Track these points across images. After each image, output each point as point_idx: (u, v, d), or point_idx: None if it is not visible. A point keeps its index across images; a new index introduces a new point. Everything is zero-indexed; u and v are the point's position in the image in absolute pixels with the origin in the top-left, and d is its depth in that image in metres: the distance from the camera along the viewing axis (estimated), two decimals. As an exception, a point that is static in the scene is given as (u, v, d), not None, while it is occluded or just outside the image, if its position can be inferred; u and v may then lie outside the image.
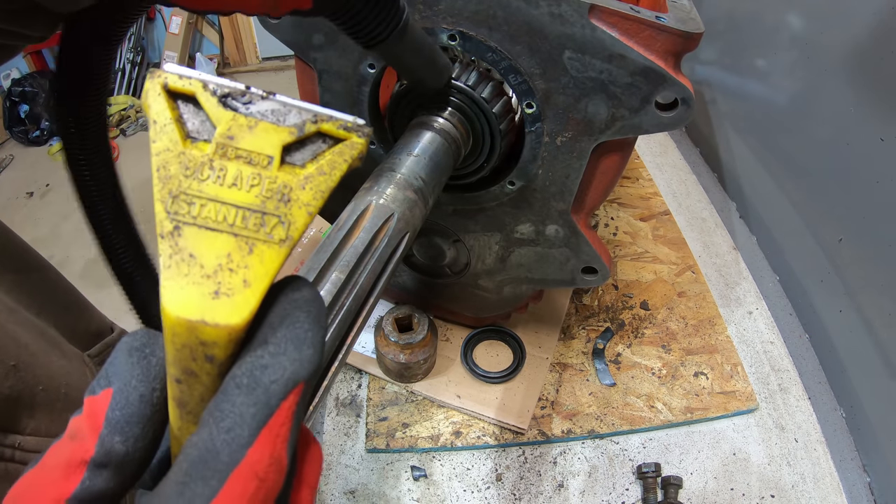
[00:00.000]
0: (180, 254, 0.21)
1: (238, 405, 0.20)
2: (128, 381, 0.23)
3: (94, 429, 0.22)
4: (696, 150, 1.39)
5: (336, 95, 0.65)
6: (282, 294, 0.23)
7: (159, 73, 0.22)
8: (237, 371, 0.21)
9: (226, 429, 0.20)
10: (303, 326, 0.22)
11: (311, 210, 0.22)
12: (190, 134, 0.22)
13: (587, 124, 0.57)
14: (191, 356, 0.21)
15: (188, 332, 0.20)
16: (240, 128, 0.22)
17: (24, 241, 0.73)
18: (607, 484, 0.79)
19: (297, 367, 0.21)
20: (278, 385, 0.20)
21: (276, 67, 3.96)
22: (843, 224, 0.88)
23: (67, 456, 0.22)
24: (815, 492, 0.78)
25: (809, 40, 0.93)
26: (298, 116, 0.22)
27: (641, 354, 0.93)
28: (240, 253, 0.21)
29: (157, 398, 0.23)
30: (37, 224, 2.70)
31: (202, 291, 0.20)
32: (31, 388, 0.56)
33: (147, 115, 0.22)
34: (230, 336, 0.21)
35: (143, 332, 0.24)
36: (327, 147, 0.22)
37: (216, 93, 0.22)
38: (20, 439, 0.54)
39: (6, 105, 3.27)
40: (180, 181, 0.21)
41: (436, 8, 0.55)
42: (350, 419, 0.86)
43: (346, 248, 0.44)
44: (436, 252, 0.79)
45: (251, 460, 0.20)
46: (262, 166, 0.22)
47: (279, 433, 0.20)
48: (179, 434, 0.23)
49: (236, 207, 0.21)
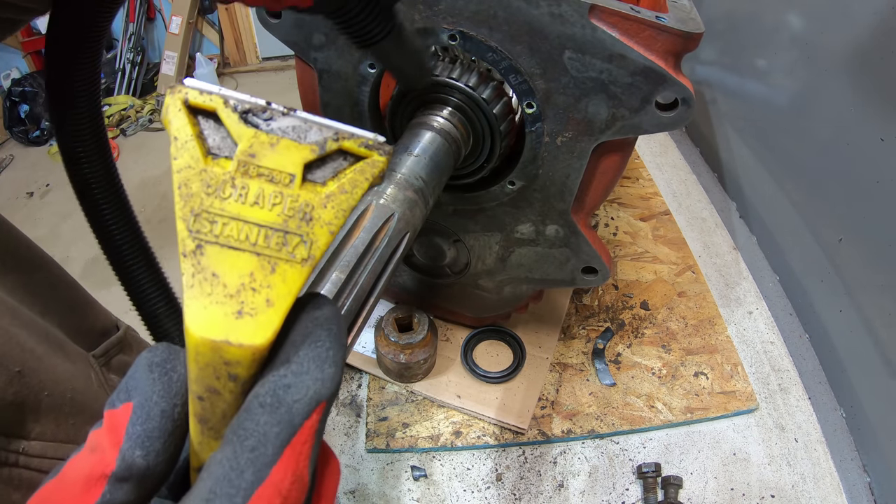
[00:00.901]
0: (203, 273, 0.21)
1: (262, 424, 0.20)
2: (149, 396, 0.23)
3: (115, 443, 0.22)
4: (696, 150, 1.39)
5: (336, 95, 0.65)
6: (303, 312, 0.23)
7: (180, 89, 0.21)
8: (261, 390, 0.21)
9: (250, 447, 0.20)
10: (325, 345, 0.22)
11: (332, 229, 0.22)
12: (211, 150, 0.22)
13: (587, 124, 0.57)
14: (214, 375, 0.21)
15: (212, 351, 0.21)
16: (261, 145, 0.21)
17: (27, 237, 0.73)
18: (607, 484, 0.79)
19: (320, 386, 0.21)
20: (301, 404, 0.21)
21: (277, 67, 3.96)
22: (843, 224, 0.88)
23: (88, 469, 0.22)
24: (815, 492, 0.79)
25: (809, 40, 0.93)
26: (319, 134, 0.22)
27: (641, 354, 0.93)
28: (262, 272, 0.21)
29: (179, 414, 0.23)
30: (37, 224, 2.70)
31: (225, 311, 0.21)
32: (36, 393, 0.56)
33: (168, 131, 0.22)
34: (254, 356, 0.21)
35: (164, 346, 0.24)
36: (348, 165, 0.22)
37: (237, 109, 0.21)
38: (25, 444, 0.54)
39: (6, 105, 3.27)
40: (202, 199, 0.21)
41: (436, 8, 0.55)
42: (350, 419, 0.86)
43: (346, 248, 0.44)
44: (436, 252, 0.79)
45: (275, 479, 0.20)
46: (283, 184, 0.22)
47: (302, 451, 0.21)
48: (199, 449, 0.23)
49: (259, 226, 0.21)
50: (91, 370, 0.68)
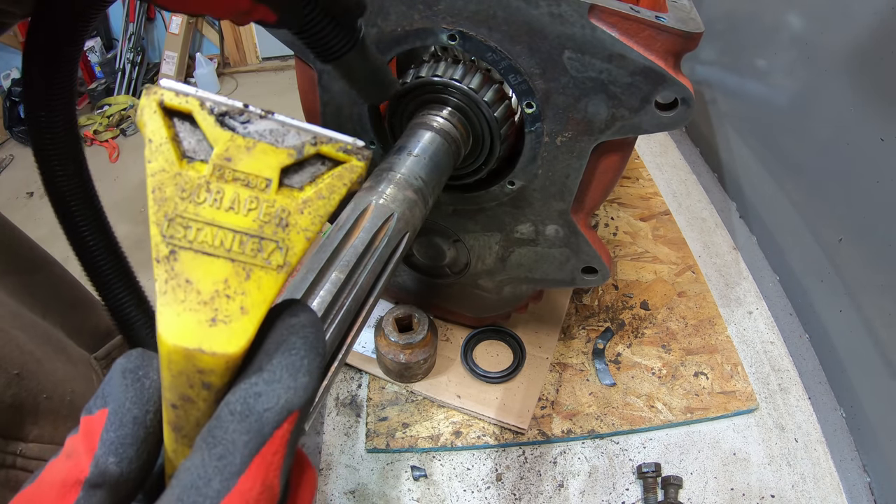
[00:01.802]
0: (176, 279, 0.20)
1: (231, 432, 0.20)
2: (122, 402, 0.23)
3: (90, 449, 0.22)
4: (696, 150, 1.39)
5: (336, 95, 0.65)
6: (279, 319, 0.22)
7: (155, 90, 0.21)
8: (231, 398, 0.21)
9: (218, 455, 0.20)
10: (299, 353, 0.22)
11: (308, 235, 0.22)
12: (186, 153, 0.21)
13: (587, 124, 0.57)
14: (187, 383, 0.21)
15: (185, 359, 0.20)
16: (238, 149, 0.21)
17: (28, 237, 0.73)
18: (607, 484, 0.79)
19: (292, 395, 0.21)
20: (272, 413, 0.20)
21: (276, 67, 3.96)
22: (843, 224, 0.88)
23: (63, 475, 0.22)
24: (815, 492, 0.78)
25: (809, 40, 0.93)
26: (297, 138, 0.21)
27: (641, 354, 0.93)
28: (237, 279, 0.21)
29: (151, 420, 0.23)
30: (37, 224, 2.70)
31: (199, 318, 0.20)
32: (34, 395, 0.56)
33: (143, 133, 0.21)
34: (227, 364, 0.21)
35: (137, 353, 0.24)
36: (326, 169, 0.22)
37: (213, 111, 0.21)
38: (22, 446, 0.54)
39: (6, 105, 3.27)
40: (176, 203, 0.21)
41: (435, 8, 0.55)
42: (350, 419, 0.86)
43: (345, 248, 0.44)
44: (436, 252, 0.79)
45: (242, 488, 0.19)
46: (259, 189, 0.21)
47: (272, 462, 0.20)
48: (174, 457, 0.23)
49: (234, 232, 0.21)
50: (93, 372, 0.68)
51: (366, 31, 0.47)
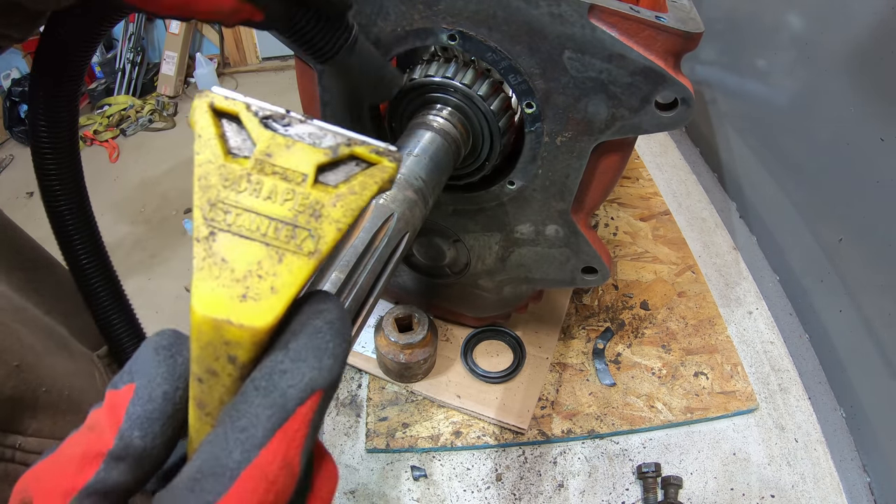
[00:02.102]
0: (213, 258, 0.22)
1: (254, 406, 0.20)
2: (152, 377, 0.23)
3: (114, 422, 0.22)
4: (696, 150, 1.39)
5: (335, 95, 0.65)
6: (306, 304, 0.23)
7: (207, 94, 0.23)
8: (257, 374, 0.21)
9: (240, 428, 0.20)
10: (325, 337, 0.22)
11: (340, 226, 0.23)
12: (231, 150, 0.23)
13: (587, 124, 0.57)
14: (214, 355, 0.22)
15: (213, 330, 0.21)
16: (278, 146, 0.23)
17: (31, 237, 0.73)
18: (607, 484, 0.79)
19: (316, 374, 0.21)
20: (296, 390, 0.21)
21: (276, 67, 3.96)
22: (843, 224, 0.88)
23: (85, 446, 0.22)
24: (815, 492, 0.78)
25: (809, 40, 0.93)
26: (333, 140, 0.23)
27: (641, 354, 0.93)
28: (270, 261, 0.22)
29: (180, 397, 0.23)
30: (37, 224, 2.69)
31: (231, 293, 0.22)
32: (33, 389, 0.56)
33: (193, 130, 0.23)
34: (253, 338, 0.22)
35: (170, 332, 0.25)
36: (360, 170, 0.23)
37: (258, 114, 0.23)
38: (21, 440, 0.54)
39: (6, 105, 3.27)
40: (219, 191, 0.23)
41: (435, 8, 0.55)
42: (350, 419, 0.86)
43: (345, 248, 0.44)
44: (436, 252, 0.79)
45: (262, 461, 0.20)
46: (296, 183, 0.23)
47: (294, 438, 0.21)
48: (196, 436, 0.24)
49: (270, 219, 0.22)
50: (95, 369, 0.68)
51: (362, 30, 0.47)
